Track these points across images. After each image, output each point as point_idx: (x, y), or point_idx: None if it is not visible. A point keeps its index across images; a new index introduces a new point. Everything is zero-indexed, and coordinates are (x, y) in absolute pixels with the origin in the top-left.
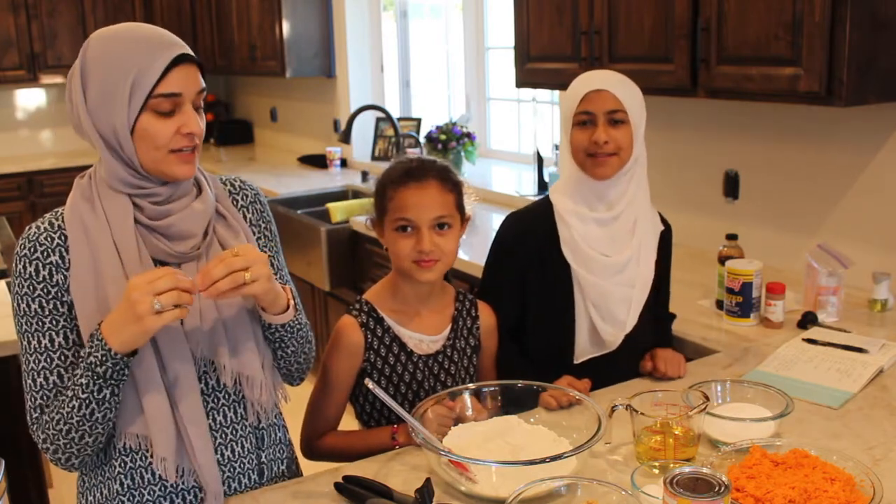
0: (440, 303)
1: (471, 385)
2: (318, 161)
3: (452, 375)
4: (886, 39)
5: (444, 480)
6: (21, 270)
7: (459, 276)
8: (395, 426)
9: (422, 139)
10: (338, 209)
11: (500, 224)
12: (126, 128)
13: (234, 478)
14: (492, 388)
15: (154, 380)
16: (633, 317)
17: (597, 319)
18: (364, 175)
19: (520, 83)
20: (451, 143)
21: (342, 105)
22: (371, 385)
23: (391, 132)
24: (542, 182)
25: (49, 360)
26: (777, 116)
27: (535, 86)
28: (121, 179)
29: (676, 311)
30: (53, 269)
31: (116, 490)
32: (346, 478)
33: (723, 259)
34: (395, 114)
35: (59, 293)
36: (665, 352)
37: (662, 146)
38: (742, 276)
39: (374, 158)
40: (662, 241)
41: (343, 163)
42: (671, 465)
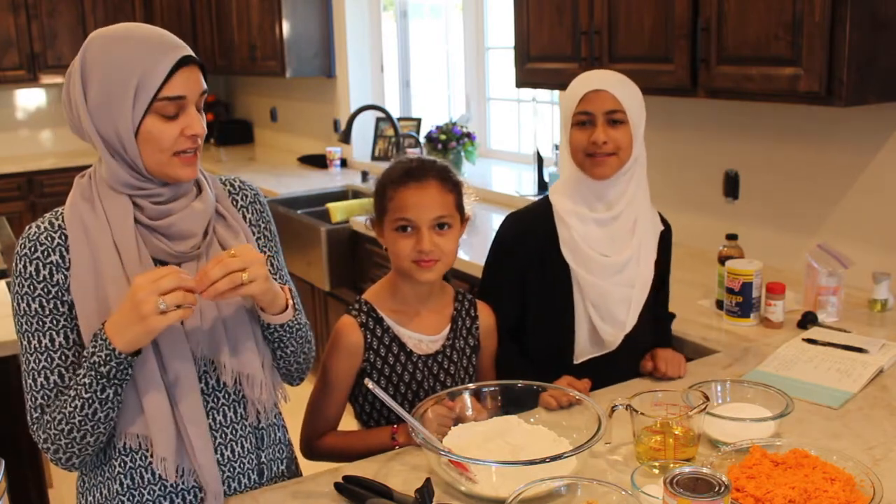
0: (439, 303)
1: (471, 385)
2: (318, 161)
3: (452, 375)
4: (886, 39)
5: (444, 480)
6: (21, 270)
7: (459, 276)
8: (395, 426)
9: (422, 139)
10: (338, 209)
11: (500, 224)
12: (130, 131)
13: (234, 478)
14: (492, 388)
15: (154, 379)
16: (633, 317)
17: (596, 320)
18: (364, 175)
19: (520, 83)
20: (451, 143)
21: (342, 105)
22: (371, 385)
23: (391, 132)
24: (542, 182)
25: (49, 360)
26: (777, 116)
27: (535, 86)
28: (122, 182)
29: (676, 311)
30: (54, 269)
31: (116, 490)
32: (346, 478)
33: (723, 259)
34: (395, 114)
35: (60, 293)
36: (665, 352)
37: (662, 146)
38: (742, 276)
39: (374, 158)
40: (662, 241)
41: (343, 163)
42: (671, 465)
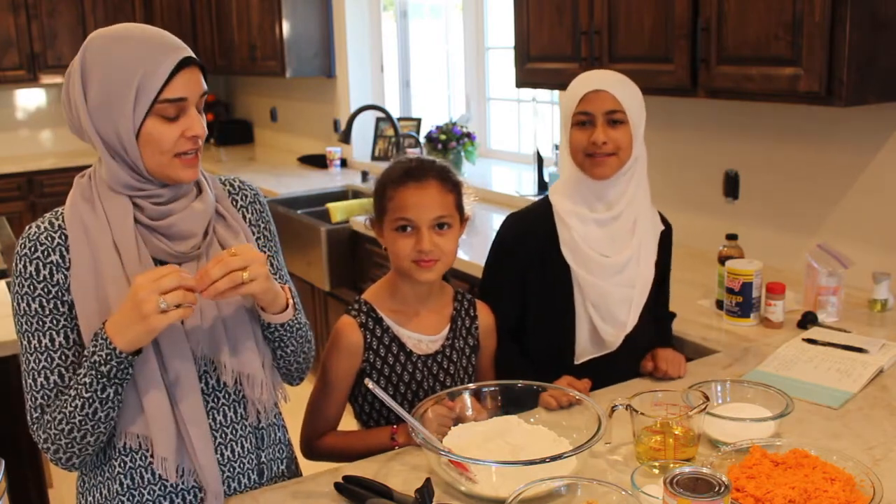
0: (439, 303)
1: (471, 385)
2: (318, 161)
3: (451, 375)
4: (886, 39)
5: (444, 480)
6: (21, 270)
7: (459, 276)
8: (395, 426)
9: (422, 139)
10: (338, 209)
11: (501, 224)
12: (131, 132)
13: (234, 478)
14: (492, 388)
15: (155, 379)
16: (634, 317)
17: (597, 320)
18: (364, 175)
19: (520, 83)
20: (451, 143)
21: (342, 105)
22: (371, 385)
23: (391, 132)
24: (542, 182)
25: (49, 360)
26: (777, 116)
27: (535, 86)
28: (122, 182)
29: (676, 311)
30: (54, 269)
31: (116, 490)
32: (346, 478)
33: (723, 259)
34: (395, 114)
35: (60, 293)
36: (665, 352)
37: (662, 146)
38: (742, 276)
39: (374, 158)
40: (663, 241)
41: (343, 163)
42: (671, 465)
